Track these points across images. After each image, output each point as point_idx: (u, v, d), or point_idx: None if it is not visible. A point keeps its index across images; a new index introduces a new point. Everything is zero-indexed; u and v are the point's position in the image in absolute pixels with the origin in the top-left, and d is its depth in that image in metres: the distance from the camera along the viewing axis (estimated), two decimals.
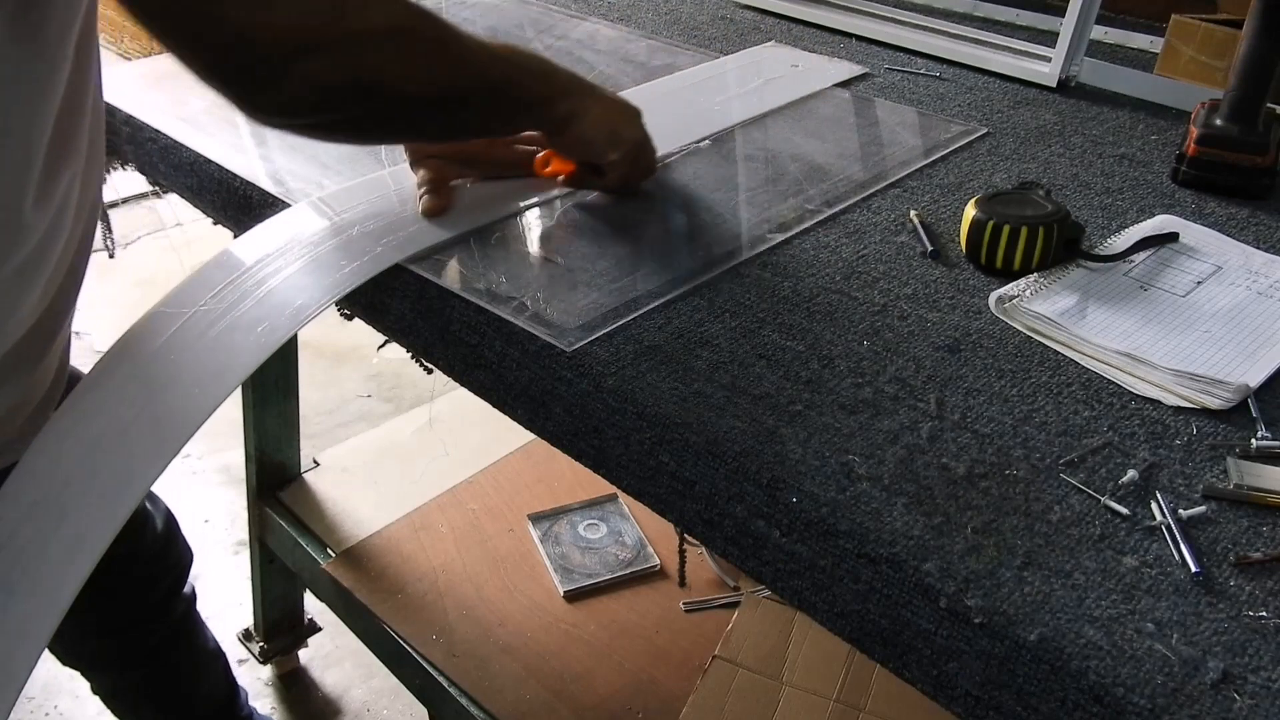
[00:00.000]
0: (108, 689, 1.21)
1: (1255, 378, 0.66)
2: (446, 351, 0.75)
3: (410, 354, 0.83)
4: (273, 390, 1.39)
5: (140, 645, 1.16)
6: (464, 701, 1.16)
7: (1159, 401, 0.65)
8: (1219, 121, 0.94)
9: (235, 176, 0.88)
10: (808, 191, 0.89)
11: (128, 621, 1.13)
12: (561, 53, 1.22)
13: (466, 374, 0.74)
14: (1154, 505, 0.56)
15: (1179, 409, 0.64)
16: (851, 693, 1.11)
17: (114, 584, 1.05)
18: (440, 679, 1.18)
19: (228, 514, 1.89)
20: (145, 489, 0.70)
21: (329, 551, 1.34)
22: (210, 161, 0.90)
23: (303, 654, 1.63)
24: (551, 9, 1.39)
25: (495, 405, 0.74)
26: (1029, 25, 1.38)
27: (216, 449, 2.02)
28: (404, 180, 0.85)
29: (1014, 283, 0.76)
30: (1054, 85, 1.18)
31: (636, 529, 1.40)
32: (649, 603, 1.29)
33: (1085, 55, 1.19)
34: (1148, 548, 0.54)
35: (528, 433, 0.72)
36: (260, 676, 1.60)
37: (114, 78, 1.06)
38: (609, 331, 0.68)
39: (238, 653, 1.59)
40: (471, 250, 0.78)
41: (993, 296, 0.75)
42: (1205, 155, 0.93)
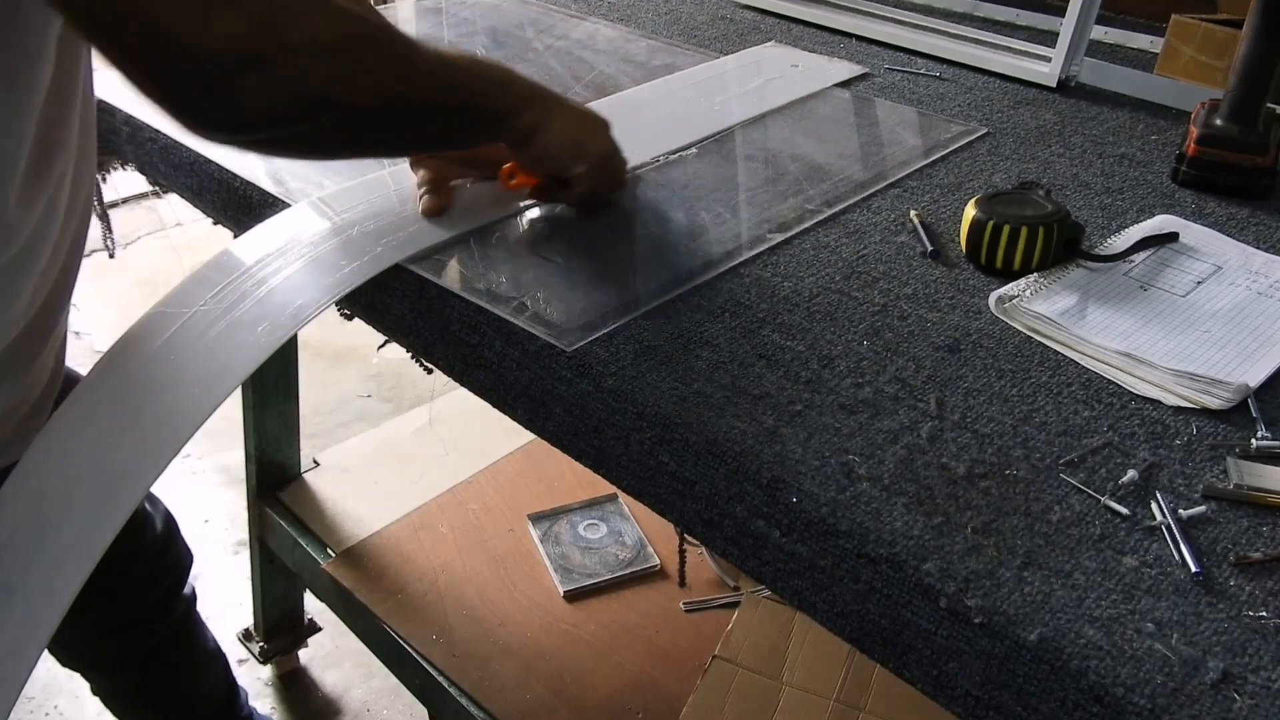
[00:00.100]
0: (108, 690, 1.21)
1: (1255, 378, 0.66)
2: (446, 351, 0.75)
3: (410, 354, 0.83)
4: (273, 390, 1.39)
5: (140, 646, 1.16)
6: (464, 701, 1.16)
7: (1159, 401, 0.65)
8: (1219, 121, 0.94)
9: (235, 176, 0.88)
10: (808, 191, 0.89)
11: (127, 622, 1.13)
12: (561, 53, 1.22)
13: (466, 374, 0.74)
14: (1154, 505, 0.56)
15: (1179, 409, 0.64)
16: (851, 693, 1.11)
17: (113, 584, 1.05)
18: (440, 679, 1.18)
19: (228, 514, 1.89)
20: (145, 489, 0.70)
21: (329, 551, 1.34)
22: (210, 161, 0.90)
23: (303, 654, 1.63)
24: (551, 9, 1.39)
25: (495, 405, 0.74)
26: (1029, 25, 1.38)
27: (216, 449, 2.02)
28: (404, 180, 0.85)
29: (1014, 283, 0.76)
30: (1054, 85, 1.18)
31: (636, 529, 1.40)
32: (649, 603, 1.29)
33: (1085, 55, 1.19)
34: (1148, 548, 0.54)
35: (528, 433, 0.72)
36: (260, 676, 1.60)
37: (114, 78, 1.06)
38: (609, 331, 0.68)
39: (238, 653, 1.59)
40: (471, 250, 0.78)
41: (993, 296, 0.75)
42: (1205, 155, 0.93)
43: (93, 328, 2.34)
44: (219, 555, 1.81)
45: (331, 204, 0.82)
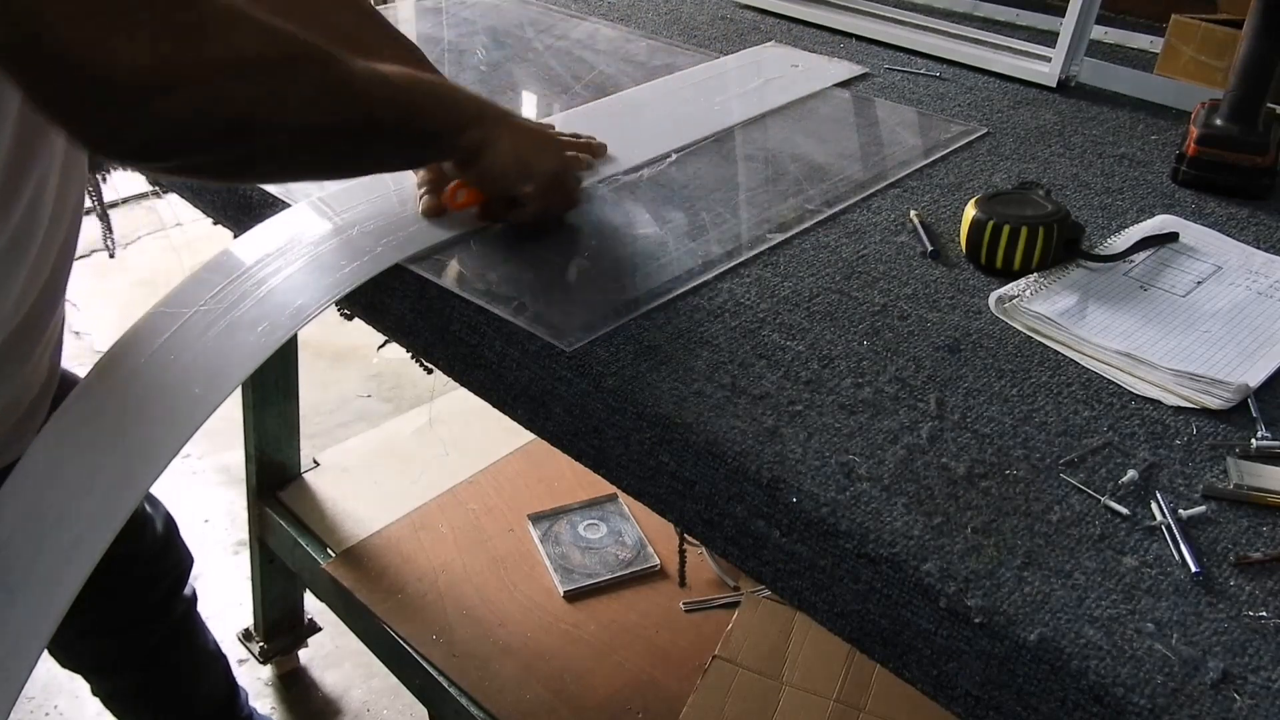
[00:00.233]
0: (107, 691, 1.21)
1: (1255, 378, 0.66)
2: (446, 351, 0.75)
3: (410, 354, 0.83)
4: (273, 390, 1.39)
5: (139, 647, 1.16)
6: (464, 701, 1.15)
7: (1159, 401, 0.65)
8: (1219, 121, 0.94)
9: None
10: (808, 191, 0.89)
11: (126, 623, 1.13)
12: (561, 53, 1.22)
13: (466, 374, 0.74)
14: (1154, 505, 0.56)
15: (1179, 409, 0.64)
16: (851, 693, 1.11)
17: (112, 585, 1.05)
18: (440, 679, 1.18)
19: (228, 514, 1.89)
20: (145, 489, 0.70)
21: (329, 551, 1.34)
22: None
23: (303, 654, 1.63)
24: (551, 9, 1.39)
25: (495, 405, 0.74)
26: (1029, 25, 1.38)
27: (216, 449, 2.02)
28: (404, 180, 0.85)
29: (1014, 283, 0.76)
30: (1054, 85, 1.18)
31: (636, 529, 1.40)
32: (649, 603, 1.29)
33: (1085, 55, 1.19)
34: (1148, 548, 0.54)
35: (528, 433, 0.72)
36: (260, 676, 1.60)
37: None
38: (609, 331, 0.68)
39: (238, 653, 1.59)
40: (471, 250, 0.78)
41: (993, 296, 0.75)
42: (1205, 155, 0.93)
43: (93, 328, 2.34)
44: (219, 555, 1.81)
45: (331, 204, 0.82)
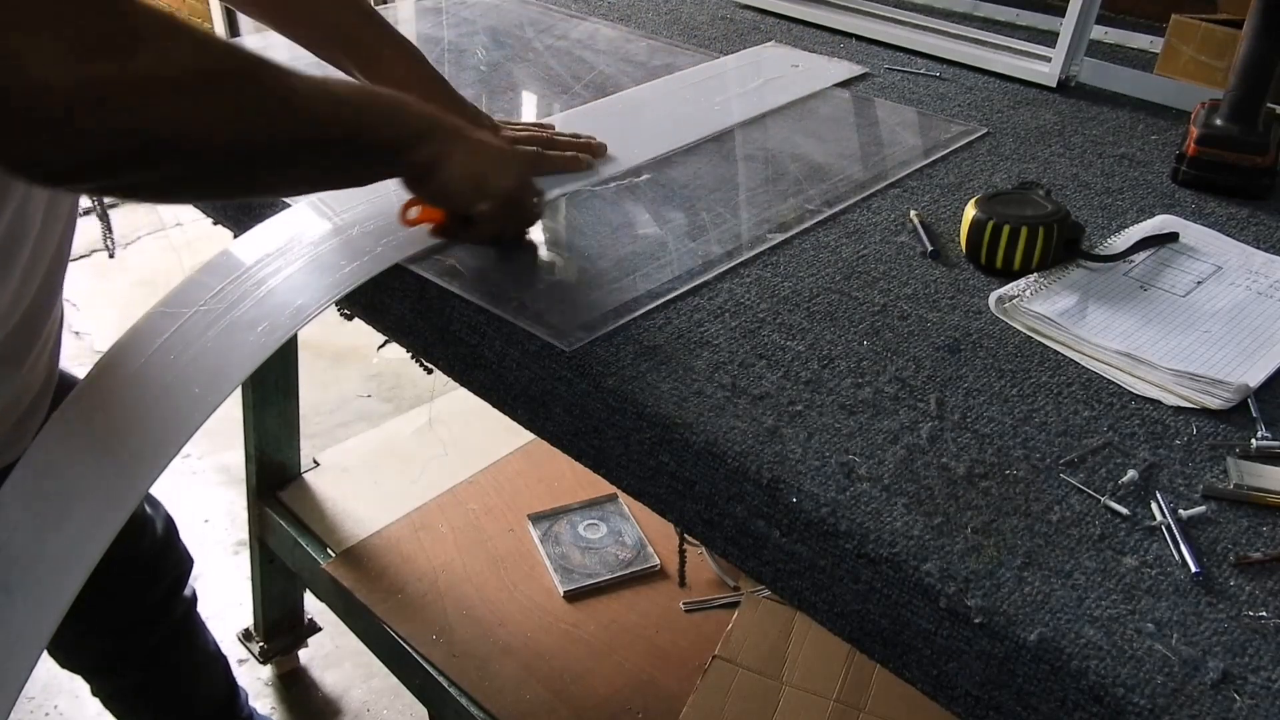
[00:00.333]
0: (107, 691, 1.21)
1: (1255, 378, 0.66)
2: (446, 351, 0.75)
3: (410, 354, 0.83)
4: (273, 390, 1.39)
5: (138, 647, 1.16)
6: (464, 701, 1.15)
7: (1159, 401, 0.65)
8: (1219, 121, 0.94)
9: None
10: (808, 191, 0.89)
11: (125, 624, 1.13)
12: (561, 53, 1.22)
13: (466, 374, 0.74)
14: (1154, 505, 0.56)
15: (1179, 409, 0.64)
16: (851, 693, 1.11)
17: (112, 586, 1.05)
18: (440, 679, 1.18)
19: (228, 514, 1.89)
20: (145, 489, 0.70)
21: (329, 551, 1.34)
22: None
23: (303, 654, 1.63)
24: (551, 9, 1.39)
25: (495, 405, 0.74)
26: (1029, 25, 1.38)
27: (216, 449, 2.02)
28: None
29: (1014, 283, 0.76)
30: (1054, 85, 1.18)
31: (636, 529, 1.40)
32: (649, 603, 1.29)
33: (1085, 55, 1.19)
34: (1148, 548, 0.54)
35: (528, 433, 0.72)
36: (260, 676, 1.60)
37: None
38: (609, 331, 0.68)
39: (238, 653, 1.59)
40: (472, 250, 0.78)
41: (993, 296, 0.75)
42: (1205, 155, 0.93)
43: (93, 328, 2.34)
44: (219, 555, 1.81)
45: (331, 204, 0.82)
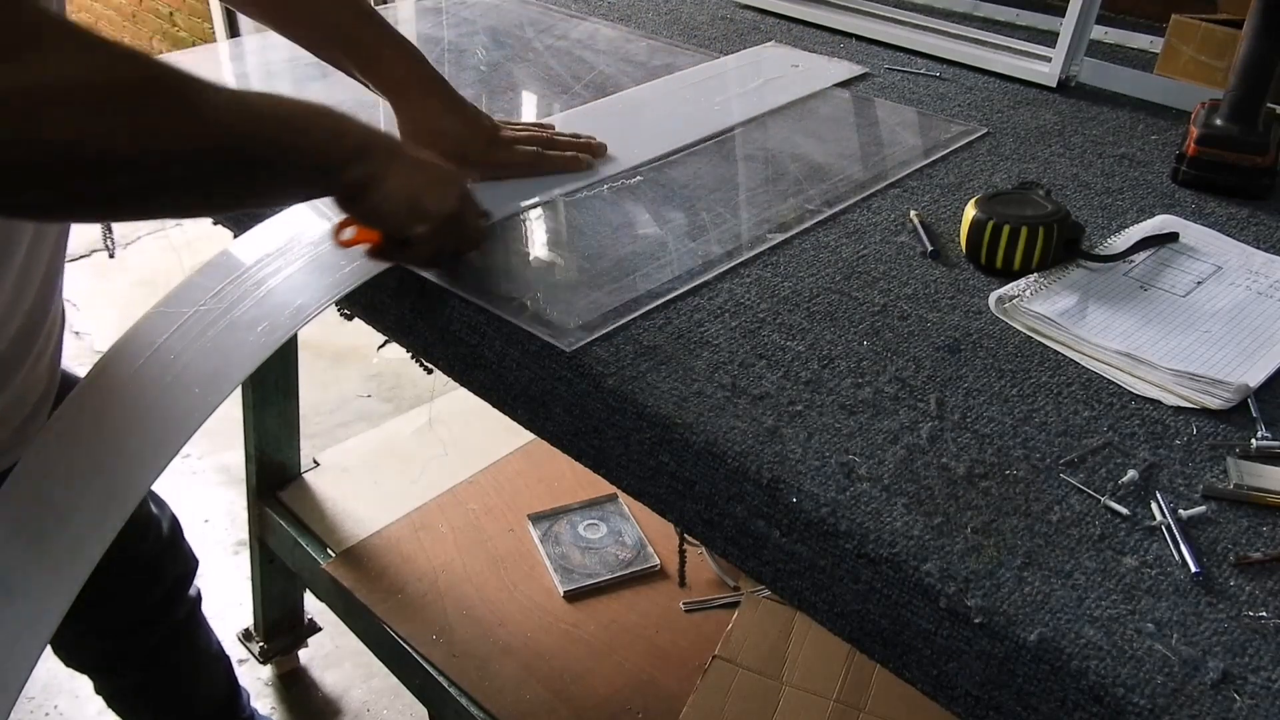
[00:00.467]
0: (110, 690, 1.21)
1: (1255, 378, 0.66)
2: (446, 351, 0.75)
3: (410, 354, 0.83)
4: (273, 390, 1.39)
5: (141, 647, 1.16)
6: (464, 701, 1.15)
7: (1159, 401, 0.65)
8: (1219, 121, 0.94)
9: None
10: (808, 191, 0.89)
11: (129, 623, 1.13)
12: (561, 53, 1.22)
13: (466, 374, 0.74)
14: (1154, 505, 0.56)
15: (1179, 409, 0.64)
16: (851, 693, 1.11)
17: (117, 585, 1.05)
18: (440, 679, 1.18)
19: (228, 514, 1.89)
20: (145, 489, 0.70)
21: (329, 551, 1.34)
22: None
23: (303, 654, 1.63)
24: (551, 9, 1.39)
25: (495, 405, 0.74)
26: (1029, 25, 1.38)
27: (216, 449, 2.02)
28: None
29: (1014, 283, 0.76)
30: (1054, 85, 1.18)
31: (636, 529, 1.40)
32: (649, 603, 1.29)
33: (1085, 55, 1.19)
34: (1148, 548, 0.54)
35: (528, 433, 0.72)
36: (260, 676, 1.60)
37: None
38: (609, 331, 0.68)
39: (238, 653, 1.59)
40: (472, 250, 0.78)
41: (993, 296, 0.75)
42: (1205, 155, 0.93)
43: (93, 328, 2.34)
44: (219, 555, 1.81)
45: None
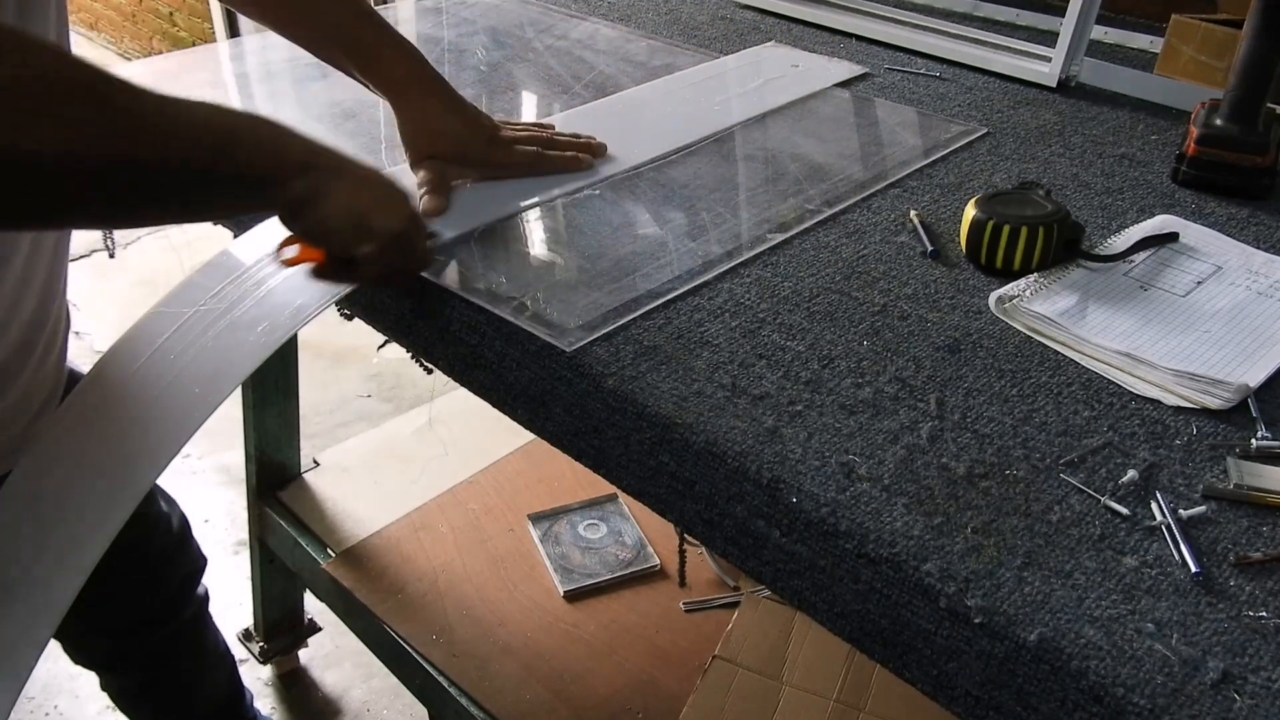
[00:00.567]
0: (116, 687, 1.21)
1: (1255, 378, 0.66)
2: (446, 351, 0.75)
3: (410, 354, 0.83)
4: (273, 390, 1.39)
5: (148, 645, 1.16)
6: (464, 701, 1.15)
7: (1159, 401, 0.65)
8: (1219, 121, 0.94)
9: None
10: (808, 191, 0.89)
11: (137, 621, 1.13)
12: (561, 53, 1.22)
13: (466, 374, 0.74)
14: (1154, 505, 0.56)
15: (1179, 409, 0.64)
16: (851, 693, 1.11)
17: (124, 583, 1.05)
18: (440, 679, 1.18)
19: (228, 514, 1.89)
20: (146, 489, 0.70)
21: (329, 551, 1.34)
22: None
23: (303, 654, 1.63)
24: (551, 9, 1.39)
25: (495, 405, 0.74)
26: (1029, 25, 1.38)
27: (216, 449, 2.02)
28: (404, 180, 0.85)
29: (1014, 283, 0.76)
30: (1054, 85, 1.18)
31: (636, 529, 1.40)
32: (649, 603, 1.29)
33: (1085, 55, 1.19)
34: (1148, 548, 0.54)
35: (528, 433, 0.72)
36: (260, 676, 1.60)
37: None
38: (609, 331, 0.68)
39: (238, 653, 1.59)
40: (471, 250, 0.78)
41: (993, 296, 0.75)
42: (1205, 155, 0.93)
43: (93, 328, 2.34)
44: (219, 555, 1.81)
45: None
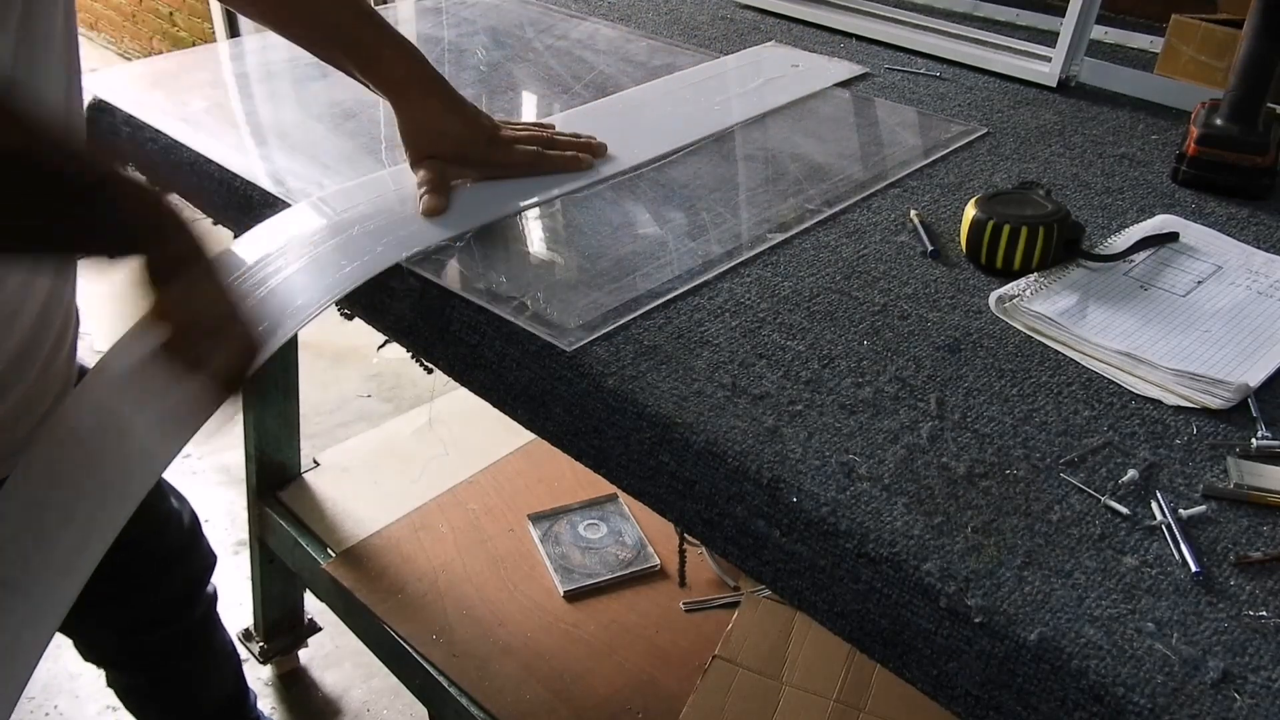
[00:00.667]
0: (123, 685, 1.21)
1: (1255, 377, 0.66)
2: (446, 351, 0.75)
3: (410, 354, 0.83)
4: (273, 390, 1.39)
5: (158, 643, 1.16)
6: (464, 701, 1.15)
7: (1159, 401, 0.65)
8: (1219, 121, 0.94)
9: (235, 176, 0.88)
10: (808, 191, 0.89)
11: (147, 620, 1.13)
12: (561, 53, 1.22)
13: (466, 374, 0.74)
14: (1154, 505, 0.56)
15: (1179, 409, 0.64)
16: (851, 693, 1.11)
17: (136, 580, 1.05)
18: (440, 679, 1.18)
19: (228, 514, 1.89)
20: (147, 488, 0.70)
21: (329, 551, 1.34)
22: (210, 161, 0.90)
23: (303, 654, 1.63)
24: (551, 9, 1.39)
25: (495, 405, 0.74)
26: (1029, 25, 1.38)
27: (216, 449, 2.02)
28: (404, 180, 0.85)
29: (1014, 282, 0.76)
30: (1054, 85, 1.18)
31: (636, 529, 1.40)
32: (649, 603, 1.29)
33: (1085, 55, 1.19)
34: (1148, 547, 0.54)
35: (528, 433, 0.72)
36: (260, 676, 1.60)
37: (114, 78, 1.06)
38: (609, 331, 0.68)
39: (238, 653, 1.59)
40: (471, 250, 0.78)
41: (993, 296, 0.75)
42: (1205, 155, 0.93)
43: (93, 328, 2.34)
44: (219, 555, 1.80)
45: (331, 204, 0.82)
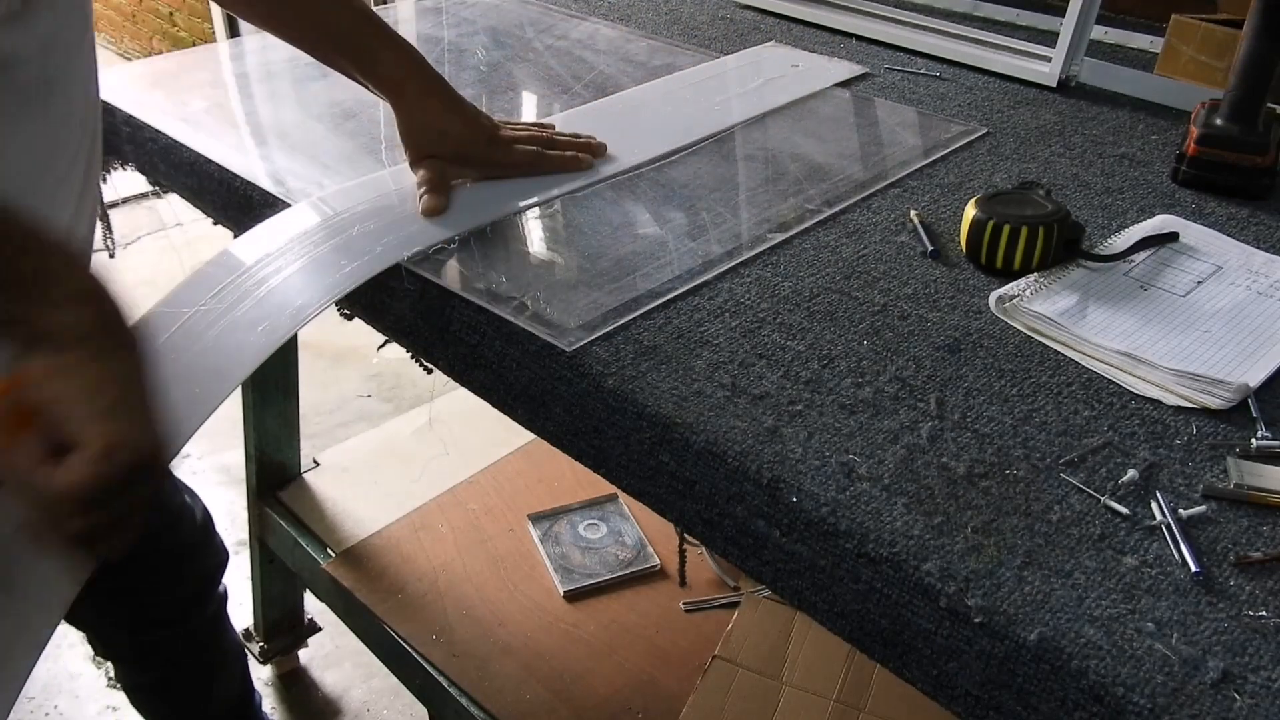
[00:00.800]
0: (133, 682, 1.21)
1: (1255, 377, 0.66)
2: (446, 351, 0.75)
3: (410, 354, 0.83)
4: (273, 390, 1.39)
5: (170, 641, 1.16)
6: (464, 701, 1.15)
7: (1159, 401, 0.65)
8: (1219, 121, 0.94)
9: (235, 176, 0.88)
10: (808, 191, 0.89)
11: (161, 617, 1.13)
12: (561, 53, 1.22)
13: (466, 374, 0.74)
14: (1154, 505, 0.56)
15: (1179, 409, 0.64)
16: (851, 693, 1.11)
17: (150, 576, 1.05)
18: (440, 679, 1.18)
19: (228, 514, 1.89)
20: None
21: (329, 551, 1.34)
22: (210, 161, 0.90)
23: (303, 654, 1.63)
24: (551, 9, 1.39)
25: (495, 405, 0.74)
26: (1029, 25, 1.38)
27: (216, 449, 2.02)
28: (404, 180, 0.85)
29: (1014, 282, 0.76)
30: (1054, 85, 1.18)
31: (636, 529, 1.40)
32: (649, 603, 1.29)
33: (1085, 55, 1.19)
34: (1148, 547, 0.54)
35: (528, 433, 0.72)
36: (260, 676, 1.60)
37: (114, 78, 1.06)
38: (609, 331, 0.68)
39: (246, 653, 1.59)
40: (471, 250, 0.78)
41: (993, 296, 0.75)
42: (1205, 155, 0.93)
43: None
44: None
45: (331, 204, 0.82)
